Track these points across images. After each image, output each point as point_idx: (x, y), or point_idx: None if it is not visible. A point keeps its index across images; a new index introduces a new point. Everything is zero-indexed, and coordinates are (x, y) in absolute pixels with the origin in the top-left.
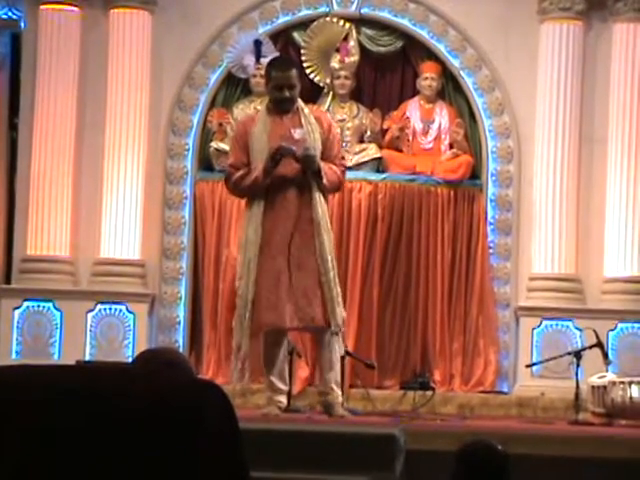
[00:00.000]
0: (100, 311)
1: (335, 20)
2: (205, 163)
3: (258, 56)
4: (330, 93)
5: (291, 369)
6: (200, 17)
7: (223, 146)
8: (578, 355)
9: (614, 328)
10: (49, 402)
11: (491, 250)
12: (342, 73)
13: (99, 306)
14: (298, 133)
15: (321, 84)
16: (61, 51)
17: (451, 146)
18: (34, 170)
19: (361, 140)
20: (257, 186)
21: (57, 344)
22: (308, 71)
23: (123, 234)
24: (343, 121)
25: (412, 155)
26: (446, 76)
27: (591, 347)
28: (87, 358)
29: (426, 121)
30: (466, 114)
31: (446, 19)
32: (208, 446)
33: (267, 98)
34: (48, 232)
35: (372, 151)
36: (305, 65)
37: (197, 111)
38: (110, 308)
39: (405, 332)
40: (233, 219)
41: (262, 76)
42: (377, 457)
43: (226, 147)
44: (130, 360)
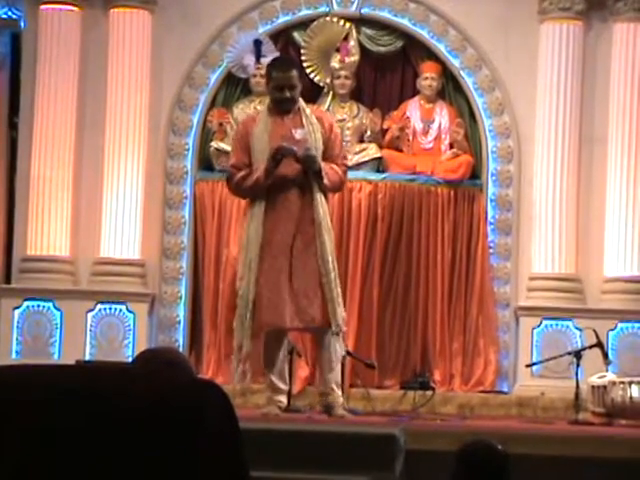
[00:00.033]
0: (100, 311)
1: (335, 20)
2: (205, 163)
3: (258, 56)
4: (330, 93)
5: (291, 369)
6: (200, 17)
7: (223, 146)
8: (578, 355)
9: (614, 328)
10: (49, 402)
11: (491, 250)
12: (342, 73)
13: (99, 306)
14: (299, 133)
15: (321, 84)
16: (61, 51)
17: (451, 146)
18: (34, 170)
19: (361, 140)
20: (259, 187)
21: (57, 344)
22: (308, 71)
23: (123, 234)
24: (343, 121)
25: (412, 155)
26: (446, 76)
27: (591, 347)
28: (87, 358)
29: (426, 121)
30: (466, 114)
31: (446, 19)
32: (208, 446)
33: (267, 98)
34: (48, 232)
35: (372, 151)
36: (305, 65)
37: (197, 111)
38: (110, 308)
39: (405, 332)
40: (233, 219)
41: (262, 76)
42: (377, 457)
43: (226, 147)
44: (130, 360)
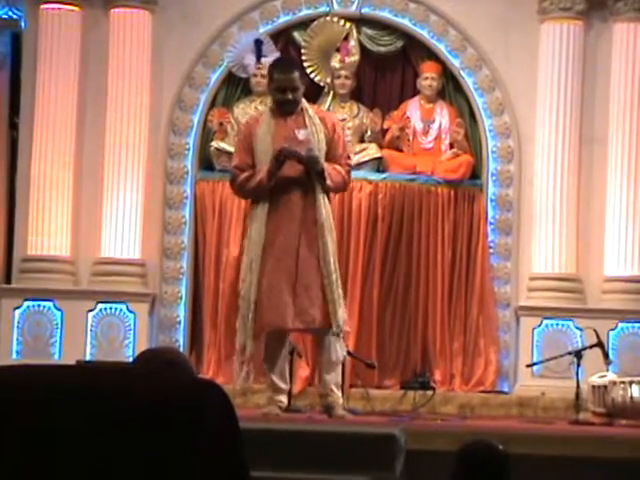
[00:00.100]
0: (100, 311)
1: (335, 20)
2: (205, 163)
3: (259, 56)
4: (330, 93)
5: (291, 369)
6: (200, 17)
7: (223, 146)
8: (578, 355)
9: (614, 328)
10: (49, 402)
11: (491, 250)
12: (342, 73)
13: (99, 306)
14: (302, 134)
15: (321, 84)
16: (61, 51)
17: (451, 146)
18: (34, 170)
19: (361, 140)
20: (261, 188)
21: (57, 344)
22: (308, 71)
23: (123, 234)
24: (343, 121)
25: (412, 155)
26: (446, 76)
27: (591, 347)
28: (87, 358)
29: (426, 121)
30: (466, 114)
31: (446, 19)
32: (208, 446)
33: (267, 97)
34: (48, 232)
35: (372, 151)
36: (305, 65)
37: (197, 111)
38: (110, 308)
39: (405, 332)
40: (233, 219)
41: (262, 76)
42: (377, 457)
43: (226, 147)
44: (130, 360)
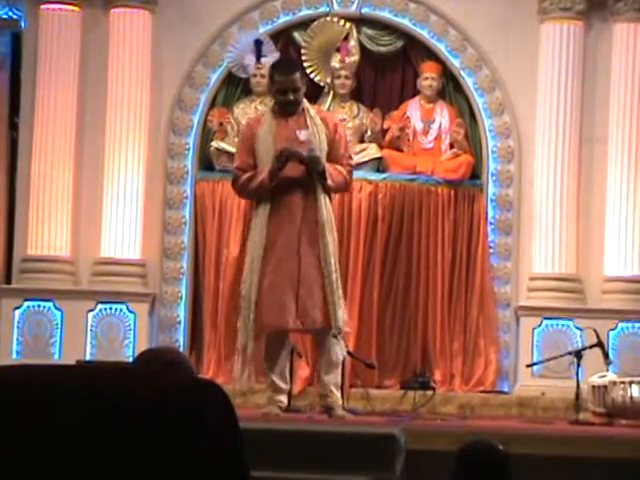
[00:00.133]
0: (101, 311)
1: (335, 20)
2: (205, 163)
3: (259, 56)
4: (330, 93)
5: (291, 369)
6: (200, 17)
7: (223, 146)
8: (579, 355)
9: (614, 328)
10: (49, 402)
11: (491, 250)
12: (342, 73)
13: (99, 306)
14: (303, 134)
15: (321, 84)
16: (61, 51)
17: (451, 146)
18: (34, 170)
19: (361, 140)
20: (263, 189)
21: (57, 344)
22: (308, 71)
23: (123, 234)
24: (343, 121)
25: (412, 155)
26: (446, 76)
27: (591, 347)
28: (88, 358)
29: (426, 121)
30: (466, 114)
31: (446, 19)
32: (208, 446)
33: (267, 97)
34: (48, 232)
35: (372, 151)
36: (305, 65)
37: (197, 111)
38: (111, 308)
39: (405, 332)
40: (233, 219)
41: (262, 76)
42: (377, 457)
43: (226, 147)
44: (131, 360)
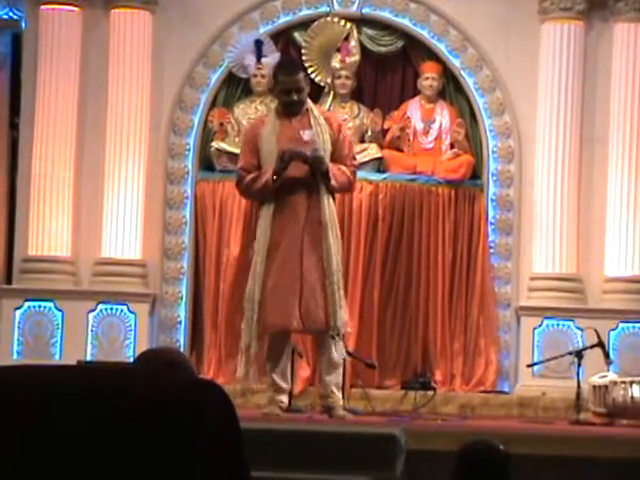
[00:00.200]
0: (101, 311)
1: (336, 20)
2: (206, 163)
3: (259, 56)
4: (331, 93)
5: (292, 369)
6: (201, 17)
7: (224, 146)
8: (579, 355)
9: (615, 328)
10: (49, 402)
11: (492, 250)
12: (343, 73)
13: (100, 306)
14: (307, 134)
15: (322, 84)
16: (62, 51)
17: (452, 146)
18: (35, 170)
19: (362, 140)
20: (267, 189)
21: (58, 344)
22: (309, 71)
23: (124, 234)
24: (344, 121)
25: (413, 155)
26: (447, 76)
27: (592, 347)
28: (88, 358)
29: (427, 121)
30: (467, 114)
31: (447, 19)
32: (209, 446)
33: (268, 97)
34: (49, 232)
35: (373, 151)
36: (306, 65)
37: (198, 111)
38: (111, 308)
39: (406, 332)
40: (234, 219)
41: (263, 76)
42: (377, 457)
43: (227, 147)
44: (131, 360)
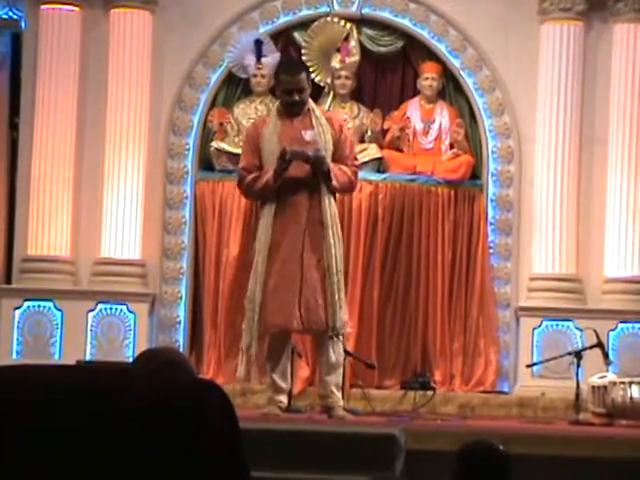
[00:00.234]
0: (101, 311)
1: (336, 20)
2: (205, 163)
3: (259, 56)
4: (331, 93)
5: (292, 369)
6: (201, 17)
7: (223, 146)
8: (578, 355)
9: (614, 328)
10: (49, 402)
11: (491, 250)
12: (343, 73)
13: (100, 306)
14: (309, 134)
15: (322, 84)
16: (61, 51)
17: (451, 146)
18: (35, 170)
19: (362, 140)
20: (268, 189)
21: (58, 344)
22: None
23: (124, 234)
24: (344, 121)
25: (412, 155)
26: (446, 76)
27: (591, 347)
28: (88, 358)
29: (426, 121)
30: (466, 114)
31: (446, 19)
32: (209, 446)
33: (268, 97)
34: (49, 232)
35: (373, 151)
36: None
37: (197, 111)
38: (111, 308)
39: (405, 332)
40: (233, 219)
41: (262, 76)
42: (377, 457)
43: (226, 147)
44: (131, 360)
